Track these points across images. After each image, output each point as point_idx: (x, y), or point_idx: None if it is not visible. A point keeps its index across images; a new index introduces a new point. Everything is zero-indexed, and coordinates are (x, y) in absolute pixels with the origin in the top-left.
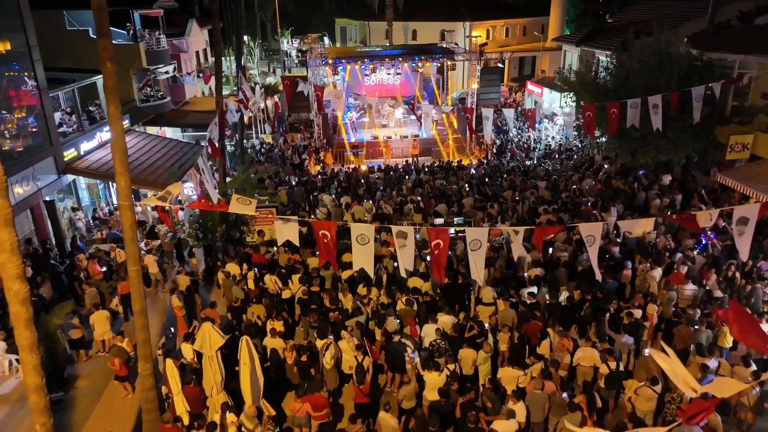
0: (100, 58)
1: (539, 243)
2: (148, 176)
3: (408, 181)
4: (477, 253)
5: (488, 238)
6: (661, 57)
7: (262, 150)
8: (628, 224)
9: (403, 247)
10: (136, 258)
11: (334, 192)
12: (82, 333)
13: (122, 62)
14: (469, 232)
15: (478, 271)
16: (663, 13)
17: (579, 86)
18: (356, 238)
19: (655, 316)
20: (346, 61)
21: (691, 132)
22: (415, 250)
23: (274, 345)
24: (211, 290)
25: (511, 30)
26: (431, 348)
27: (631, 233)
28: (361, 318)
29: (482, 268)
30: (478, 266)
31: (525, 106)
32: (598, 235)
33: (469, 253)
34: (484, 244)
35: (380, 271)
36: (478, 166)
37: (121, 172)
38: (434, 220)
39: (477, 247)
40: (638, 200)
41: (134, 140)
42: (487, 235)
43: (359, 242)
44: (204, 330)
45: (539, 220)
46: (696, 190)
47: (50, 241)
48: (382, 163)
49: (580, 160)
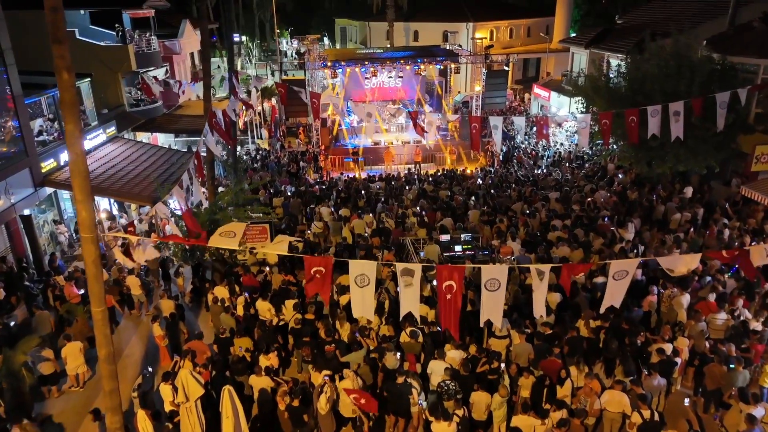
0: (56, 66)
1: (567, 283)
2: (132, 188)
3: (410, 192)
4: (494, 294)
5: (498, 257)
6: (681, 61)
7: (258, 157)
8: (669, 261)
9: (409, 286)
10: (101, 298)
11: (332, 203)
12: (54, 367)
13: (111, 65)
14: (485, 271)
15: (494, 316)
16: (676, 13)
17: (592, 91)
18: (355, 279)
19: (686, 351)
20: (345, 64)
21: (714, 141)
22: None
23: (263, 385)
24: (199, 314)
25: (515, 31)
26: (439, 390)
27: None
28: (360, 352)
29: (500, 312)
30: (495, 310)
31: (531, 111)
32: (632, 272)
33: (484, 293)
34: (503, 284)
35: (381, 295)
36: (484, 176)
37: (82, 200)
38: (439, 236)
39: (495, 288)
40: (657, 214)
41: (120, 148)
42: (507, 273)
43: (358, 284)
44: (181, 378)
45: (551, 237)
46: (717, 202)
47: (27, 258)
48: (383, 170)
49: (591, 169)
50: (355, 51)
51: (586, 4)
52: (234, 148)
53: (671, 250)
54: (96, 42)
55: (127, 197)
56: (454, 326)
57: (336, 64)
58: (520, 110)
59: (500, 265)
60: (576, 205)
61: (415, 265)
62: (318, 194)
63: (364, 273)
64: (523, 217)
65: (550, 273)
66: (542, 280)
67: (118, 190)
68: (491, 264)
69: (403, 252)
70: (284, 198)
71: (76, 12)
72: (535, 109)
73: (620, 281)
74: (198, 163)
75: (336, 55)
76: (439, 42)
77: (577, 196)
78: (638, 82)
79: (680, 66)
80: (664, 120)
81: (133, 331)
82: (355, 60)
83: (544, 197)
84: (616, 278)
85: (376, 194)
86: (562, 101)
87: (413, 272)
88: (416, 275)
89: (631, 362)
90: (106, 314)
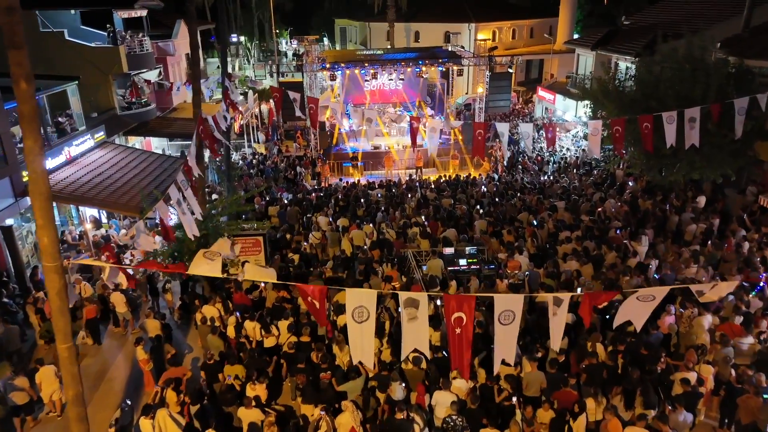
0: (13, 75)
1: (587, 314)
2: (120, 197)
3: (412, 200)
4: (508, 328)
5: (506, 272)
6: (695, 64)
7: (254, 162)
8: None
9: (413, 320)
10: (66, 333)
11: (331, 211)
12: (29, 396)
13: (101, 66)
14: (499, 302)
15: (508, 353)
16: (685, 14)
17: (601, 95)
18: (352, 313)
19: (711, 379)
20: (345, 66)
21: (730, 148)
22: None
23: (251, 418)
24: (188, 332)
25: (518, 31)
26: (444, 426)
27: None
28: (359, 381)
29: (514, 347)
30: (509, 345)
31: (535, 114)
32: (660, 298)
33: (497, 327)
34: (518, 316)
35: (382, 316)
36: (488, 183)
37: (43, 225)
38: (443, 248)
39: (509, 321)
40: (670, 224)
41: (109, 154)
42: (522, 303)
43: (356, 319)
44: (159, 421)
45: (562, 250)
46: (733, 212)
47: (9, 272)
48: (383, 176)
49: (600, 176)
50: (354, 52)
51: (589, 5)
52: (227, 154)
53: (688, 264)
54: (86, 43)
55: (114, 207)
56: (466, 366)
57: (335, 66)
58: (524, 113)
59: (515, 295)
60: (585, 215)
61: (419, 294)
62: (316, 202)
63: (362, 305)
64: (531, 228)
65: (560, 285)
66: (560, 308)
67: (104, 200)
68: (497, 279)
69: (405, 266)
70: (280, 206)
71: (66, 12)
72: (540, 112)
73: (645, 303)
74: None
75: (335, 56)
76: (440, 43)
77: (586, 206)
78: (651, 87)
79: (695, 70)
80: (679, 126)
81: (118, 351)
82: (355, 62)
83: (551, 206)
84: (641, 299)
85: (377, 202)
86: (567, 104)
87: (418, 303)
88: (422, 306)
89: (652, 393)
90: (73, 351)
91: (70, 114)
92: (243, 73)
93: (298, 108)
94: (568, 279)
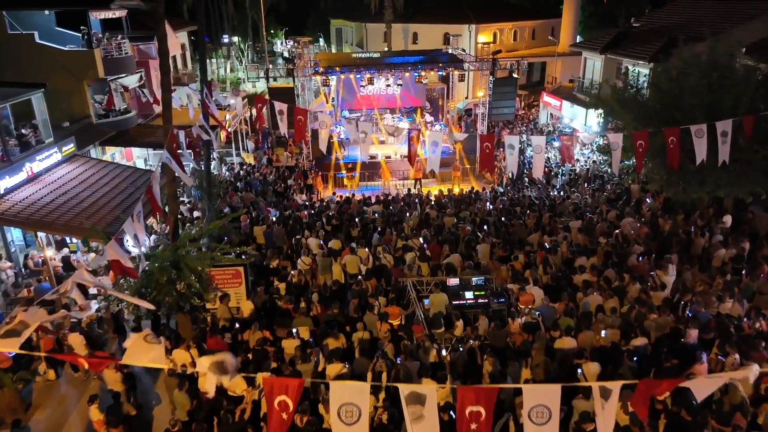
0: None
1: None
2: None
3: (411, 218)
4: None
5: (518, 306)
6: (723, 71)
7: (241, 173)
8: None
9: (419, 419)
10: None
11: (322, 232)
12: None
13: (74, 71)
14: (528, 395)
15: None
16: (699, 17)
17: (617, 105)
18: (338, 411)
19: None
20: (340, 70)
21: (762, 165)
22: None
23: None
24: (158, 377)
25: (520, 33)
26: None
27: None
28: None
29: None
30: None
31: (540, 120)
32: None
33: (527, 426)
34: (555, 413)
35: (377, 364)
36: (494, 198)
37: None
38: (446, 277)
39: (544, 420)
40: (695, 248)
41: (77, 170)
42: (560, 397)
43: (344, 420)
44: None
45: (578, 280)
46: (763, 234)
47: None
48: (380, 188)
49: (613, 192)
50: (350, 54)
51: (590, 5)
52: (208, 170)
53: (724, 299)
54: (58, 46)
55: (75, 232)
56: None
57: (329, 71)
58: (528, 119)
59: (550, 386)
60: (602, 237)
61: (426, 388)
62: (306, 221)
63: (352, 402)
64: (542, 253)
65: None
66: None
67: (64, 224)
68: (510, 318)
69: (403, 298)
70: (267, 226)
71: (39, 13)
72: (545, 119)
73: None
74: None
75: (329, 60)
76: (439, 45)
77: (602, 226)
78: (672, 96)
79: (724, 77)
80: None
81: (75, 402)
82: (350, 66)
83: (564, 226)
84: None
85: (372, 221)
86: (575, 111)
87: (424, 399)
88: (429, 403)
89: None
90: None
91: (36, 125)
92: (235, 75)
93: (282, 124)
94: (586, 314)
